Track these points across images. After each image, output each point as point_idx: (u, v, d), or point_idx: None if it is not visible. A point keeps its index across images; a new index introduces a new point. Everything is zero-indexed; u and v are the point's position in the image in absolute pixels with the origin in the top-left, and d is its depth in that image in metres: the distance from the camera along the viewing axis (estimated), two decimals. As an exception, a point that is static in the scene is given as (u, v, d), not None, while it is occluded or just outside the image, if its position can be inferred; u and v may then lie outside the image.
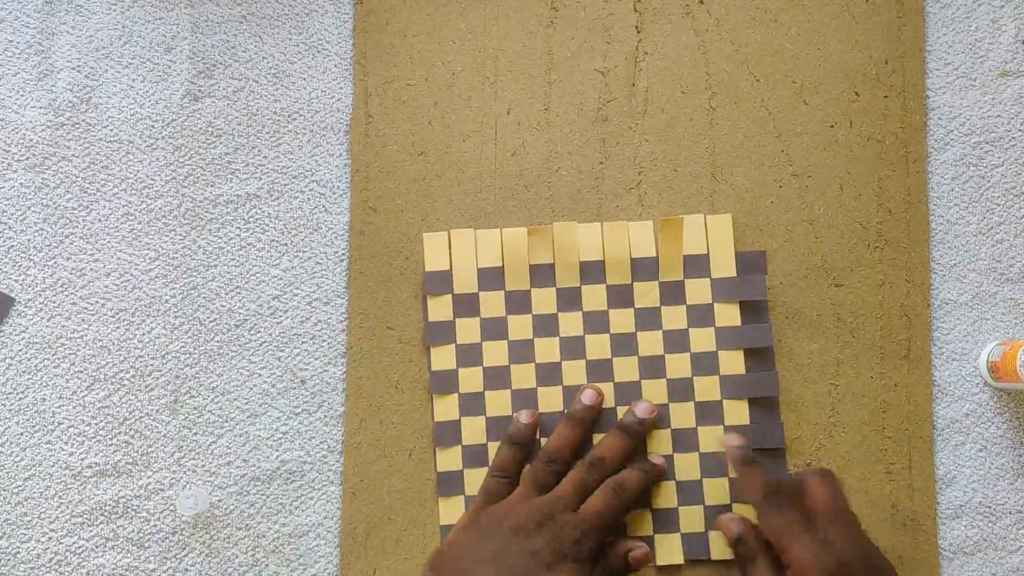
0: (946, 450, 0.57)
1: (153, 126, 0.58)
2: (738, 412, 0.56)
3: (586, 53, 0.59)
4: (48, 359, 0.56)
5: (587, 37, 0.59)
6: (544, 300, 0.57)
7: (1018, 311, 0.58)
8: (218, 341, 0.57)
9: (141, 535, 0.55)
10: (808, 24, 0.59)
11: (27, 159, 0.58)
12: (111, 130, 0.58)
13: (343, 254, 0.58)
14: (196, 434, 0.56)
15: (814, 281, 0.58)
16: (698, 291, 0.56)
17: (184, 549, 0.56)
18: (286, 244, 0.58)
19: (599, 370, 0.56)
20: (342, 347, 0.57)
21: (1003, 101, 0.59)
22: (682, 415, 0.56)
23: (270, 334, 0.57)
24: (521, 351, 0.56)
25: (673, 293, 0.57)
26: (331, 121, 0.59)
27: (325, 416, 0.57)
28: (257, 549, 0.56)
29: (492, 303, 0.57)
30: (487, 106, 0.59)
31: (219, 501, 0.56)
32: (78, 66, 0.58)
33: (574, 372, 0.56)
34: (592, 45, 0.59)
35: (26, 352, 0.56)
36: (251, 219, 0.58)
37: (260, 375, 0.57)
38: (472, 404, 0.56)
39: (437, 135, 0.59)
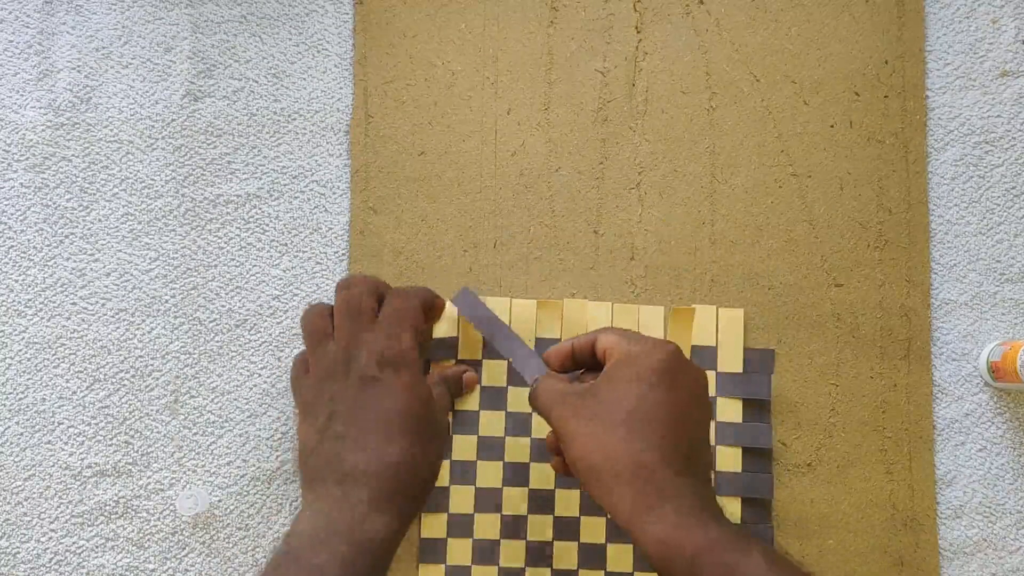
0: (946, 450, 0.57)
1: (153, 126, 0.58)
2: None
3: (586, 53, 0.59)
4: (48, 359, 0.56)
5: (587, 37, 0.59)
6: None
7: (1018, 311, 0.58)
8: (218, 341, 0.57)
9: (141, 535, 0.55)
10: (808, 24, 0.59)
11: (27, 159, 0.58)
12: (111, 130, 0.58)
13: (343, 254, 0.58)
14: (196, 434, 0.56)
15: (814, 281, 0.58)
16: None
17: (184, 549, 0.56)
18: (286, 244, 0.58)
19: None
20: (342, 347, 0.57)
21: (1003, 101, 0.59)
22: None
23: (270, 334, 0.57)
24: (518, 425, 0.56)
25: None
26: (331, 121, 0.59)
27: (325, 416, 0.57)
28: (257, 549, 0.56)
29: (495, 371, 0.56)
30: (487, 106, 0.59)
31: (219, 501, 0.56)
32: (78, 66, 0.58)
33: None
34: (592, 45, 0.59)
35: (26, 352, 0.56)
36: (251, 219, 0.58)
37: (260, 375, 0.57)
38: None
39: (437, 135, 0.59)
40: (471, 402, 0.56)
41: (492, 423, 0.56)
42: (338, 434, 0.46)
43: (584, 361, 0.50)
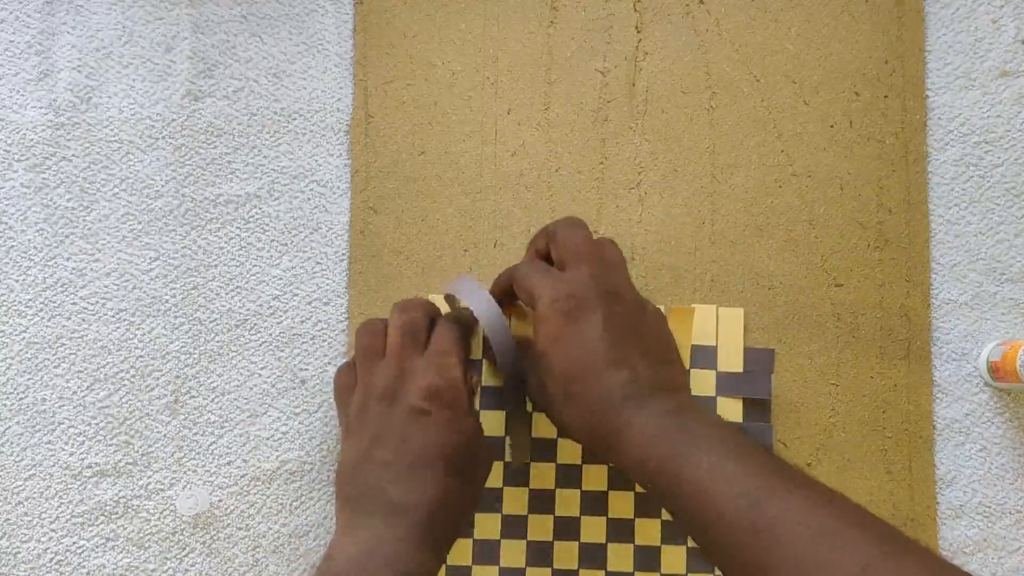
0: (946, 450, 0.57)
1: (153, 126, 0.58)
2: None
3: (586, 53, 0.59)
4: (48, 359, 0.56)
5: (587, 37, 0.59)
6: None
7: (1018, 311, 0.58)
8: (218, 341, 0.57)
9: (141, 535, 0.55)
10: (808, 24, 0.59)
11: (27, 159, 0.58)
12: (111, 130, 0.58)
13: (343, 254, 0.58)
14: (196, 434, 0.56)
15: (814, 281, 0.58)
16: (703, 383, 0.56)
17: (184, 549, 0.56)
18: (286, 244, 0.58)
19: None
20: (342, 347, 0.57)
21: (1003, 101, 0.59)
22: None
23: (270, 334, 0.57)
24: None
25: None
26: (331, 121, 0.59)
27: (325, 416, 0.57)
28: (257, 549, 0.56)
29: (495, 371, 0.56)
30: (487, 106, 0.59)
31: (219, 501, 0.56)
32: (78, 66, 0.58)
33: (571, 447, 0.56)
34: (592, 45, 0.59)
35: (26, 352, 0.56)
36: (251, 219, 0.58)
37: (260, 375, 0.57)
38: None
39: (437, 135, 0.59)
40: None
41: (492, 423, 0.56)
42: (381, 462, 0.46)
43: (511, 296, 0.51)
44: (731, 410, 0.56)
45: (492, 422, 0.56)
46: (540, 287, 0.47)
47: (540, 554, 0.55)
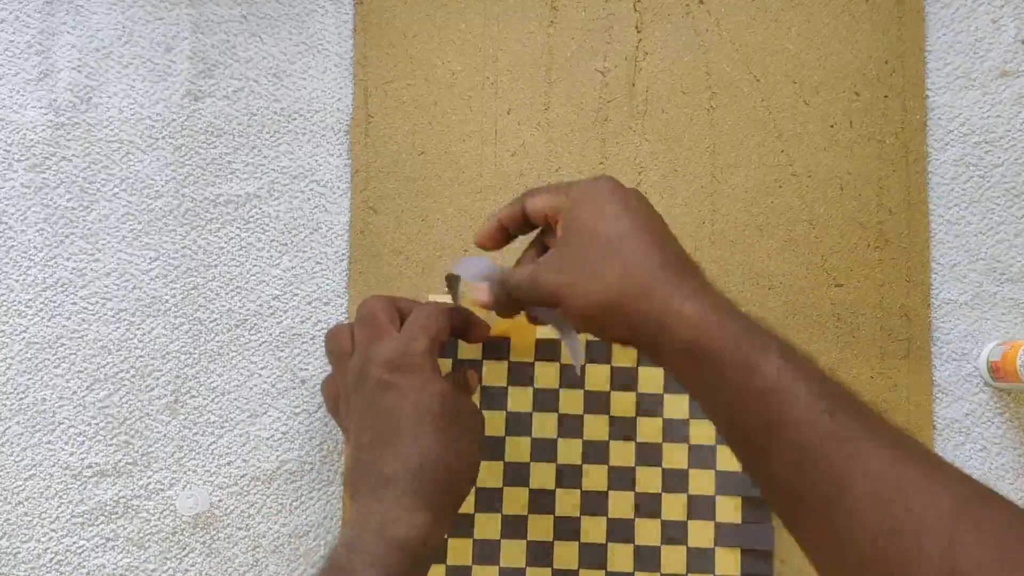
0: (946, 450, 0.57)
1: (153, 126, 0.58)
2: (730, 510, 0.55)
3: (586, 53, 0.59)
4: (48, 359, 0.56)
5: (587, 37, 0.59)
6: (546, 374, 0.56)
7: (1018, 311, 0.58)
8: (218, 341, 0.57)
9: (141, 535, 0.55)
10: (808, 24, 0.59)
11: (27, 159, 0.58)
12: (111, 130, 0.58)
13: (343, 254, 0.58)
14: (196, 434, 0.56)
15: (814, 281, 0.58)
16: None
17: (184, 549, 0.56)
18: (286, 244, 0.58)
19: (595, 451, 0.56)
20: (342, 347, 0.57)
21: (1003, 101, 0.59)
22: (674, 504, 0.55)
23: (270, 334, 0.57)
24: (518, 424, 0.56)
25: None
26: (331, 121, 0.59)
27: (325, 416, 0.57)
28: (257, 549, 0.56)
29: (495, 371, 0.56)
30: (487, 106, 0.59)
31: (219, 501, 0.56)
32: (78, 66, 0.58)
33: (571, 448, 0.56)
34: (592, 45, 0.59)
35: (26, 352, 0.56)
36: (251, 219, 0.58)
37: (260, 375, 0.57)
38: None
39: (437, 135, 0.59)
40: None
41: (492, 423, 0.56)
42: (365, 444, 0.47)
43: (517, 231, 0.49)
44: None
45: (494, 422, 0.56)
46: (574, 182, 0.45)
47: (540, 554, 0.55)
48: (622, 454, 0.55)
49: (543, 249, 0.48)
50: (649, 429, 0.56)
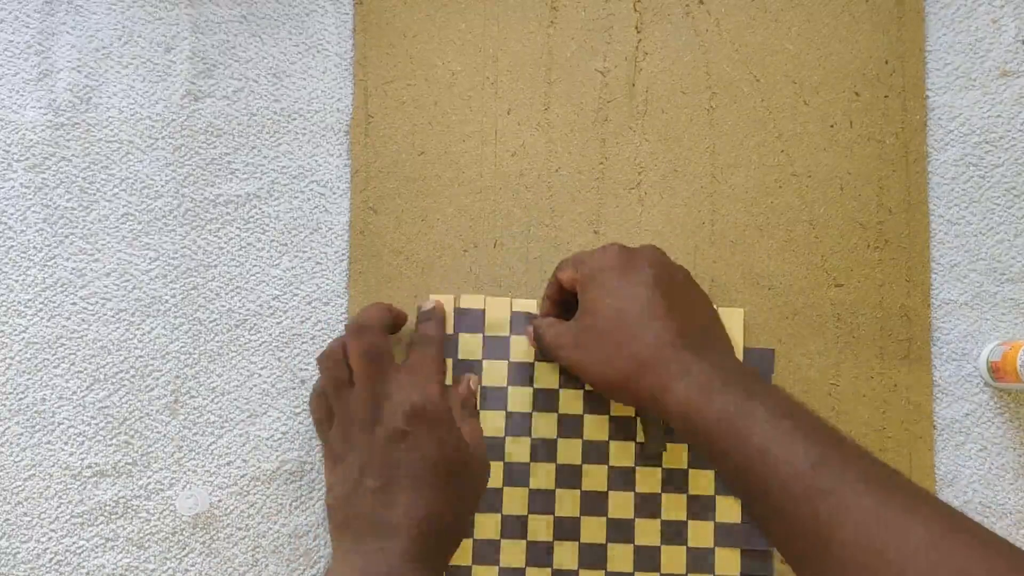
0: (946, 450, 0.57)
1: (153, 126, 0.58)
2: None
3: (586, 53, 0.59)
4: (48, 359, 0.56)
5: (587, 37, 0.59)
6: (546, 375, 0.56)
7: (1018, 311, 0.58)
8: (218, 341, 0.57)
9: (141, 535, 0.55)
10: (808, 24, 0.59)
11: (27, 159, 0.58)
12: (111, 130, 0.58)
13: (343, 254, 0.58)
14: (196, 434, 0.56)
15: (814, 281, 0.58)
16: None
17: (184, 549, 0.56)
18: (286, 244, 0.58)
19: (595, 451, 0.56)
20: (342, 347, 0.57)
21: (1003, 101, 0.59)
22: (674, 504, 0.55)
23: (270, 334, 0.57)
24: (518, 425, 0.56)
25: None
26: (331, 121, 0.59)
27: (325, 416, 0.57)
28: (257, 549, 0.56)
29: (495, 371, 0.56)
30: (487, 106, 0.59)
31: (219, 501, 0.56)
32: (78, 66, 0.58)
33: (571, 448, 0.56)
34: (592, 45, 0.59)
35: (26, 352, 0.56)
36: (251, 219, 0.58)
37: (260, 375, 0.57)
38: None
39: (437, 135, 0.59)
40: None
41: (492, 423, 0.56)
42: (370, 488, 0.47)
43: (565, 303, 0.52)
44: None
45: (494, 422, 0.56)
46: (589, 253, 0.49)
47: (540, 554, 0.55)
48: (622, 454, 0.55)
49: (558, 289, 0.52)
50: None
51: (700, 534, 0.55)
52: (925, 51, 0.59)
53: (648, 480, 0.55)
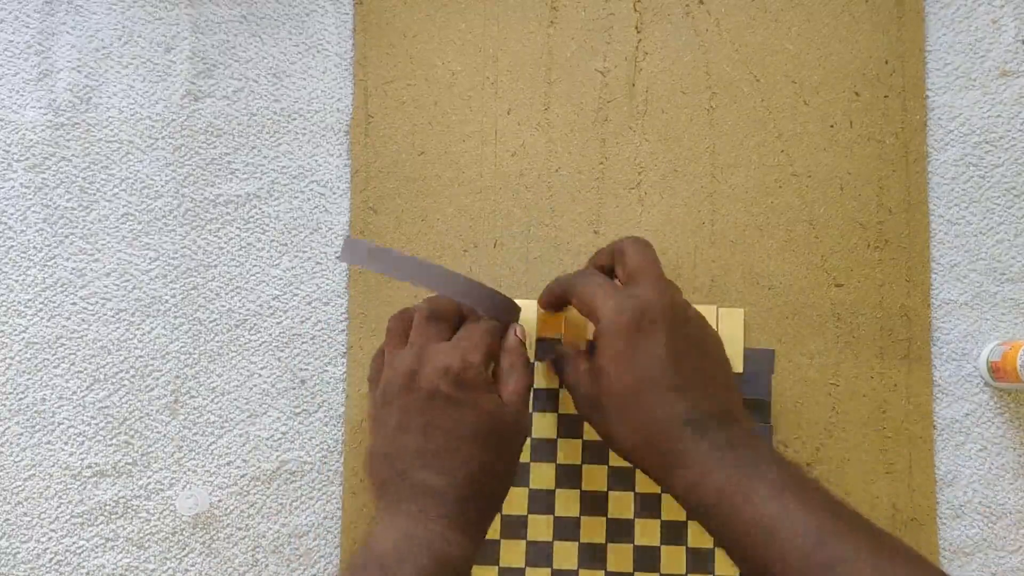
0: (946, 450, 0.57)
1: (153, 126, 0.58)
2: None
3: (586, 53, 0.59)
4: (48, 359, 0.56)
5: (587, 37, 0.59)
6: (546, 374, 0.56)
7: (1018, 311, 0.58)
8: (218, 341, 0.57)
9: (141, 535, 0.55)
10: (808, 24, 0.59)
11: (27, 159, 0.58)
12: (111, 130, 0.58)
13: (343, 254, 0.58)
14: (196, 434, 0.56)
15: (814, 281, 0.58)
16: None
17: (184, 549, 0.56)
18: (286, 244, 0.58)
19: (596, 452, 0.56)
20: (342, 347, 0.57)
21: (1003, 101, 0.59)
22: (674, 504, 0.55)
23: (270, 334, 0.57)
24: None
25: None
26: (331, 121, 0.59)
27: (325, 416, 0.57)
28: (257, 549, 0.56)
29: None
30: (487, 106, 0.59)
31: (219, 501, 0.56)
32: (78, 66, 0.58)
33: (571, 448, 0.56)
34: (592, 45, 0.59)
35: (26, 352, 0.56)
36: (251, 219, 0.58)
37: (260, 375, 0.57)
38: None
39: (437, 135, 0.59)
40: None
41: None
42: (408, 448, 0.47)
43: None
44: None
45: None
46: (603, 301, 0.47)
47: (540, 554, 0.55)
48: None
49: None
50: None
51: (700, 534, 0.55)
52: (925, 51, 0.59)
53: (648, 480, 0.55)
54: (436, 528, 0.45)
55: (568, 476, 0.55)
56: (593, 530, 0.55)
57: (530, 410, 0.55)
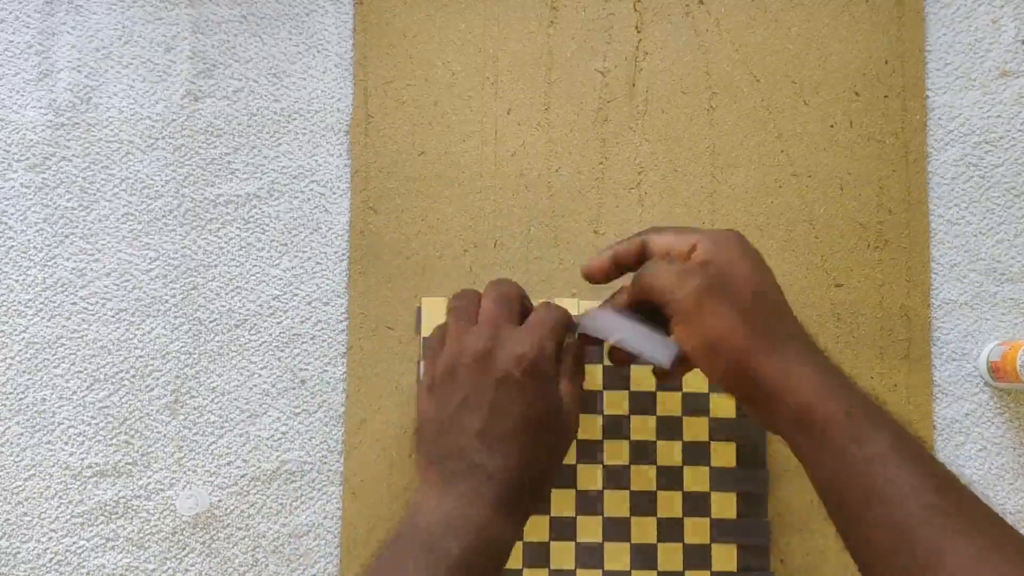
0: (946, 450, 0.57)
1: (153, 126, 0.58)
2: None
3: (586, 53, 0.59)
4: (48, 359, 0.56)
5: (587, 37, 0.59)
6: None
7: (1018, 311, 0.58)
8: (218, 341, 0.57)
9: (141, 535, 0.55)
10: (808, 24, 0.59)
11: (27, 159, 0.58)
12: (111, 130, 0.58)
13: (343, 254, 0.58)
14: (196, 434, 0.56)
15: (814, 281, 0.58)
16: (701, 381, 0.56)
17: (184, 549, 0.56)
18: (286, 244, 0.58)
19: (589, 451, 0.56)
20: (342, 347, 0.57)
21: (1003, 101, 0.59)
22: (670, 501, 0.55)
23: (270, 334, 0.57)
24: None
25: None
26: (331, 121, 0.59)
27: (325, 416, 0.57)
28: (257, 549, 0.56)
29: None
30: (487, 106, 0.59)
31: (219, 501, 0.56)
32: (78, 66, 0.58)
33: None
34: (592, 45, 0.59)
35: (26, 352, 0.56)
36: (251, 219, 0.58)
37: (260, 375, 0.57)
38: None
39: (437, 135, 0.59)
40: None
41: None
42: (471, 428, 0.46)
43: (630, 267, 0.49)
44: (727, 408, 0.56)
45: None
46: (686, 228, 0.47)
47: (537, 554, 0.55)
48: (616, 453, 0.55)
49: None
50: (643, 427, 0.56)
51: (696, 530, 0.55)
52: (925, 51, 0.59)
53: (643, 478, 0.55)
54: (486, 512, 0.45)
55: (565, 476, 0.55)
56: (590, 529, 0.55)
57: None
